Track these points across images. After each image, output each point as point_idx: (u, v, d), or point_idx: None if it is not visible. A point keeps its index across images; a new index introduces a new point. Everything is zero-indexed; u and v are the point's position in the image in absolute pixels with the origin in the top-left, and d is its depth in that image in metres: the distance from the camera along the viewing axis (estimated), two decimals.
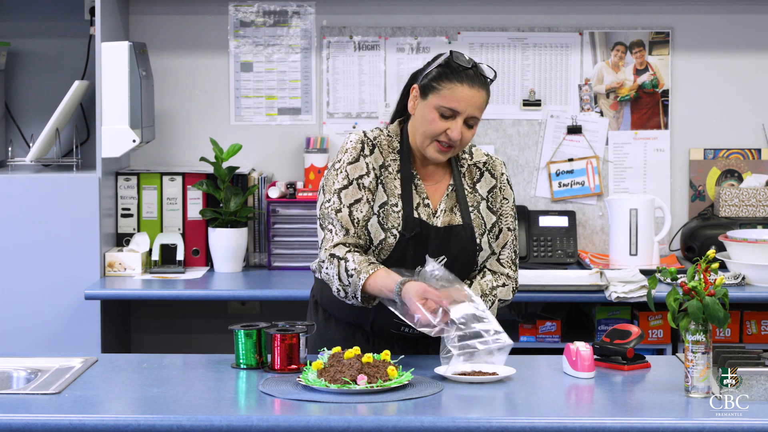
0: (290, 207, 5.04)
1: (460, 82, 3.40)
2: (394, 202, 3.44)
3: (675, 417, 2.95)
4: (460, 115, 3.40)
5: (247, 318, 5.07)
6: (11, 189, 4.77)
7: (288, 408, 3.02)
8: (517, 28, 5.27)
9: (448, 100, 3.40)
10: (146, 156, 5.28)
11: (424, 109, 3.43)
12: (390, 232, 3.42)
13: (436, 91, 3.41)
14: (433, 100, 3.41)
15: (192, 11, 5.26)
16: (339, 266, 3.37)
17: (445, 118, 3.40)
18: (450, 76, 3.41)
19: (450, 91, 3.40)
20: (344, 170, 3.44)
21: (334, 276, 3.38)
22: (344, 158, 3.46)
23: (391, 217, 3.43)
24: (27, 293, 4.75)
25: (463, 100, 3.39)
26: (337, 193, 3.43)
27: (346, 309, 3.50)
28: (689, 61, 5.28)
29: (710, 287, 3.08)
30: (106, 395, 3.18)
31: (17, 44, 5.21)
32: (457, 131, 3.40)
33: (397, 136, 3.52)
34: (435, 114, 3.41)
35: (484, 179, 3.55)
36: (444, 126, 3.41)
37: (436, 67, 3.44)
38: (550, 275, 4.81)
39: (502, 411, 3.05)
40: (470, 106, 3.40)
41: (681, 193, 5.31)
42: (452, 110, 3.39)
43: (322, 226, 3.45)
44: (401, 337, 3.50)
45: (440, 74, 3.42)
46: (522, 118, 5.29)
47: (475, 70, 3.42)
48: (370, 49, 5.27)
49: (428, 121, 3.42)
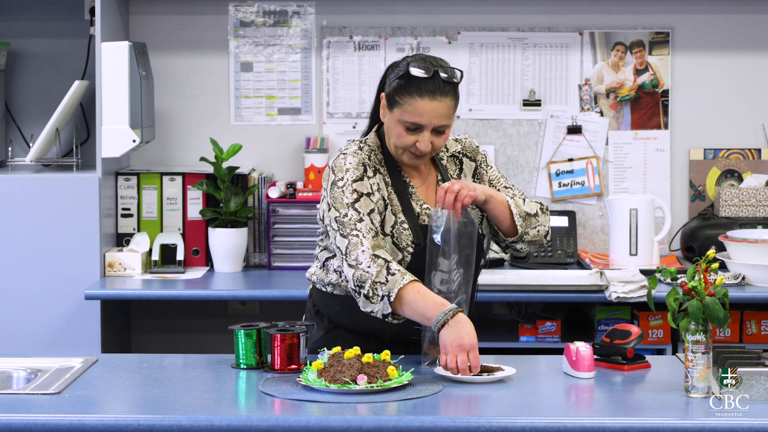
0: (290, 207, 5.04)
1: (420, 96, 3.34)
2: (401, 220, 3.43)
3: (675, 417, 2.95)
4: (425, 128, 3.35)
5: (247, 318, 5.07)
6: (11, 189, 4.77)
7: (288, 408, 3.02)
8: (517, 28, 5.27)
9: (411, 114, 3.34)
10: (146, 156, 5.28)
11: (391, 121, 3.40)
12: (406, 250, 3.41)
13: (399, 105, 3.36)
14: (396, 113, 3.37)
15: (192, 11, 5.26)
16: (382, 266, 3.27)
17: (412, 131, 3.36)
18: (409, 89, 3.35)
19: (411, 106, 3.34)
20: (350, 186, 3.38)
21: (373, 274, 3.26)
22: (347, 177, 3.39)
23: (404, 236, 3.42)
24: (27, 293, 4.75)
25: (426, 114, 3.34)
26: (351, 206, 3.35)
27: (360, 321, 3.43)
28: (689, 61, 5.28)
29: (710, 287, 3.08)
30: (106, 395, 3.18)
31: (17, 44, 5.21)
32: (425, 143, 3.36)
33: (379, 148, 3.48)
34: (401, 127, 3.37)
35: (465, 165, 3.55)
36: (412, 139, 3.37)
37: (397, 78, 3.38)
38: (550, 275, 4.81)
39: (502, 411, 3.05)
40: (434, 118, 3.35)
41: (681, 193, 5.31)
42: (416, 124, 3.35)
43: (343, 235, 3.34)
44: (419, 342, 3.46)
45: (400, 87, 3.36)
46: (522, 118, 5.29)
47: (435, 79, 3.35)
48: (370, 49, 5.27)
49: (396, 134, 3.38)
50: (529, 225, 3.49)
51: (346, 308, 3.46)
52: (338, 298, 3.49)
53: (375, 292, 3.26)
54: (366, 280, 3.27)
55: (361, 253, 3.30)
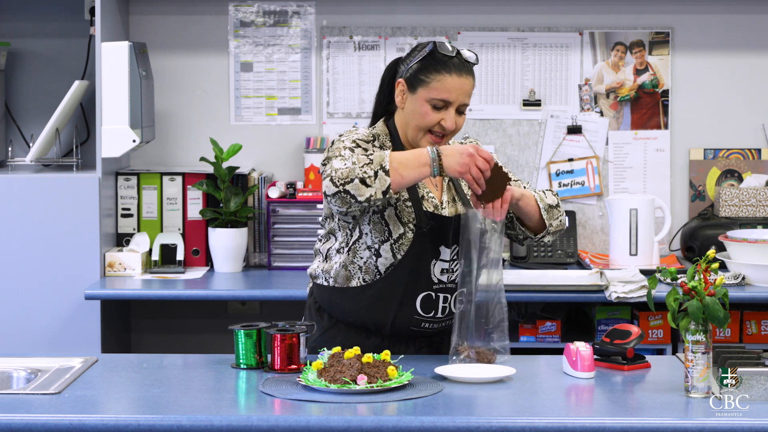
0: (290, 207, 5.04)
1: (448, 73, 3.42)
2: (405, 197, 3.45)
3: (675, 417, 2.95)
4: (452, 105, 3.42)
5: (247, 318, 5.07)
6: (11, 189, 4.77)
7: (288, 408, 3.02)
8: (517, 28, 5.27)
9: (439, 91, 3.41)
10: (146, 156, 5.28)
11: (415, 103, 3.44)
12: (407, 226, 3.43)
13: (425, 84, 3.42)
14: (423, 93, 3.43)
15: (192, 11, 5.26)
16: (357, 155, 3.32)
17: (438, 109, 3.42)
18: (437, 67, 3.42)
19: (440, 82, 3.41)
20: (353, 141, 3.43)
21: (352, 161, 3.27)
22: (353, 135, 3.45)
23: (405, 212, 3.44)
24: (27, 293, 4.75)
25: (454, 90, 3.42)
26: (346, 148, 3.39)
27: (362, 313, 3.48)
28: (689, 61, 5.28)
29: (710, 287, 3.08)
30: (106, 395, 3.18)
31: (17, 44, 5.21)
32: (451, 120, 3.42)
33: (387, 135, 3.52)
34: (427, 107, 3.42)
35: None
36: (437, 117, 3.42)
37: (421, 59, 3.45)
38: (550, 275, 4.81)
39: (502, 411, 3.05)
40: (461, 95, 3.43)
41: (681, 193, 5.31)
42: (444, 101, 3.41)
43: (329, 158, 3.38)
44: (420, 334, 3.50)
45: (426, 66, 3.43)
46: (522, 118, 5.29)
47: (459, 57, 3.44)
48: (370, 49, 5.27)
49: (421, 114, 3.43)
50: (553, 216, 3.53)
51: (348, 301, 3.49)
52: (339, 291, 3.50)
53: (366, 174, 3.25)
54: (352, 170, 3.26)
55: (338, 149, 3.36)
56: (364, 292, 3.47)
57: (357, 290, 3.47)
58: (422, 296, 3.46)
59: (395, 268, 3.44)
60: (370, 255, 3.45)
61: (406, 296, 3.45)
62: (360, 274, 3.47)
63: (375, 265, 3.45)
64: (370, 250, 3.45)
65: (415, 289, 3.46)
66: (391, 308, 3.45)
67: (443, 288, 3.47)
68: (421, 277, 3.45)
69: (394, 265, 3.44)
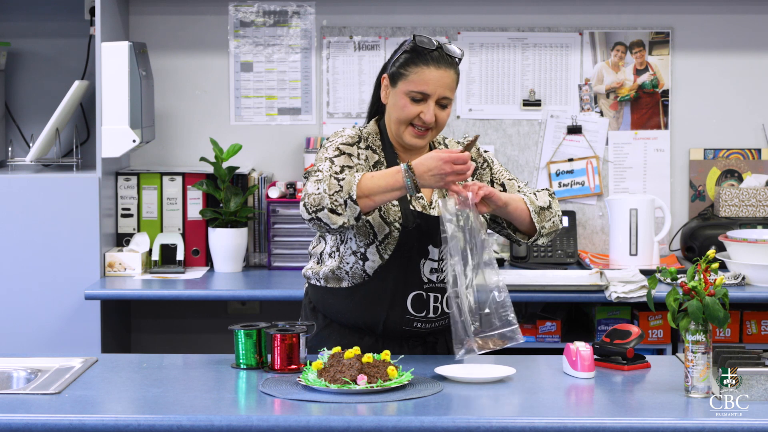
0: (290, 207, 5.04)
1: (426, 65, 3.42)
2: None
3: (675, 417, 2.95)
4: (430, 98, 3.42)
5: (247, 318, 5.07)
6: (11, 189, 4.77)
7: (288, 408, 3.02)
8: (517, 28, 5.27)
9: (417, 84, 3.42)
10: (146, 156, 5.28)
11: (396, 97, 3.46)
12: (393, 225, 3.43)
13: (405, 77, 3.43)
14: (402, 86, 3.44)
15: (192, 11, 5.26)
16: (329, 180, 3.29)
17: (417, 102, 3.43)
18: (416, 60, 3.43)
19: (417, 75, 3.42)
20: (337, 148, 3.43)
21: (323, 188, 3.27)
22: (338, 140, 3.46)
23: (392, 212, 3.44)
24: (27, 293, 4.75)
25: (431, 82, 3.41)
26: (328, 159, 3.39)
27: (354, 313, 3.49)
28: (689, 61, 5.28)
29: (710, 287, 3.08)
30: (106, 395, 3.18)
31: (17, 44, 5.21)
32: (430, 113, 3.42)
33: (377, 134, 3.53)
34: (406, 99, 3.43)
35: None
36: (416, 110, 3.43)
37: (402, 54, 3.46)
38: (550, 275, 4.81)
39: (502, 411, 3.05)
40: (439, 87, 3.42)
41: (681, 193, 5.31)
42: (422, 93, 3.42)
43: (306, 178, 3.39)
44: (413, 334, 3.50)
45: (406, 60, 3.44)
46: (522, 118, 5.29)
47: (440, 51, 3.44)
48: (370, 49, 5.27)
49: (400, 107, 3.44)
50: (544, 218, 3.52)
51: (340, 301, 3.50)
52: (331, 291, 3.52)
53: (336, 202, 3.27)
54: (322, 199, 3.27)
55: (311, 185, 3.32)
56: (354, 293, 3.48)
57: (347, 291, 3.49)
58: (413, 295, 3.46)
59: (383, 269, 3.45)
60: (356, 260, 3.45)
61: (396, 295, 3.45)
62: (348, 278, 3.48)
63: (362, 269, 3.45)
64: (356, 255, 3.45)
65: (405, 289, 3.46)
66: (382, 308, 3.45)
67: (433, 287, 3.47)
68: (411, 276, 3.46)
69: (382, 265, 3.45)
